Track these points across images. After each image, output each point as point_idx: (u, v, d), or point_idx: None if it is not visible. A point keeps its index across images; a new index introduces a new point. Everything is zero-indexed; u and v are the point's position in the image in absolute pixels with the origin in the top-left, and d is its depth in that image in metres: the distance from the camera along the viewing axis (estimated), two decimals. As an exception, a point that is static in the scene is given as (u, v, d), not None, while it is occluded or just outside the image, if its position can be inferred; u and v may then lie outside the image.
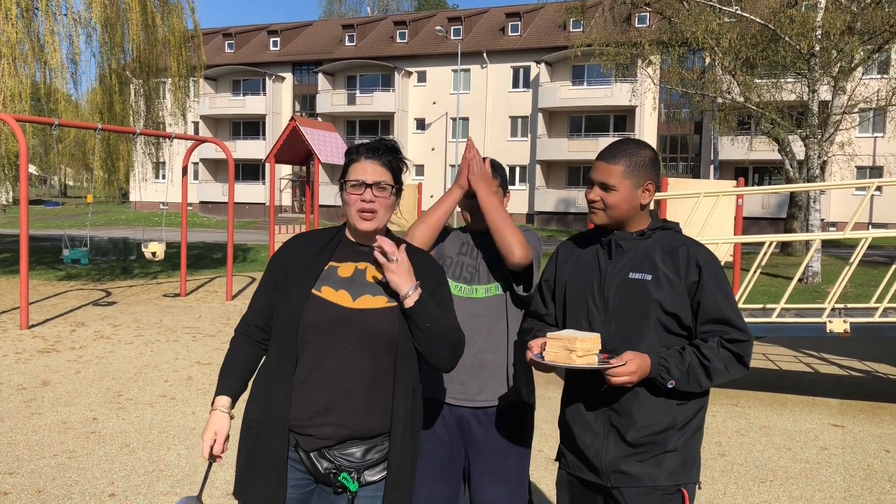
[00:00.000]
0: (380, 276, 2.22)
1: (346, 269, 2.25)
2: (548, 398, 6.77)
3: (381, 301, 2.20)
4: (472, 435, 2.76)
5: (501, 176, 2.83)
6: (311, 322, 2.15)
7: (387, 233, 2.36)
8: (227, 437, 2.22)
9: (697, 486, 2.37)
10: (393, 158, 2.26)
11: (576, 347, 2.13)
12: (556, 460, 2.54)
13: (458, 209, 2.89)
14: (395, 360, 2.19)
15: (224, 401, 2.24)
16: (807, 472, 5.02)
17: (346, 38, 47.55)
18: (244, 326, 2.32)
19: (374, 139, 2.33)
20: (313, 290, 2.19)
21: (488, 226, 2.67)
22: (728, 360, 2.23)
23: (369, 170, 2.21)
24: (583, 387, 2.37)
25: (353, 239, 2.30)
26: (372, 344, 2.16)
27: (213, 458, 2.21)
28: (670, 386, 2.21)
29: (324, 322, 2.15)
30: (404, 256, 2.18)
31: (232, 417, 2.24)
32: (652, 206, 2.44)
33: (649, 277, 2.27)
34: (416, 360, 2.25)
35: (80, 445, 5.22)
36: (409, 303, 2.15)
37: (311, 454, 2.17)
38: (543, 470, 4.94)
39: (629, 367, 2.14)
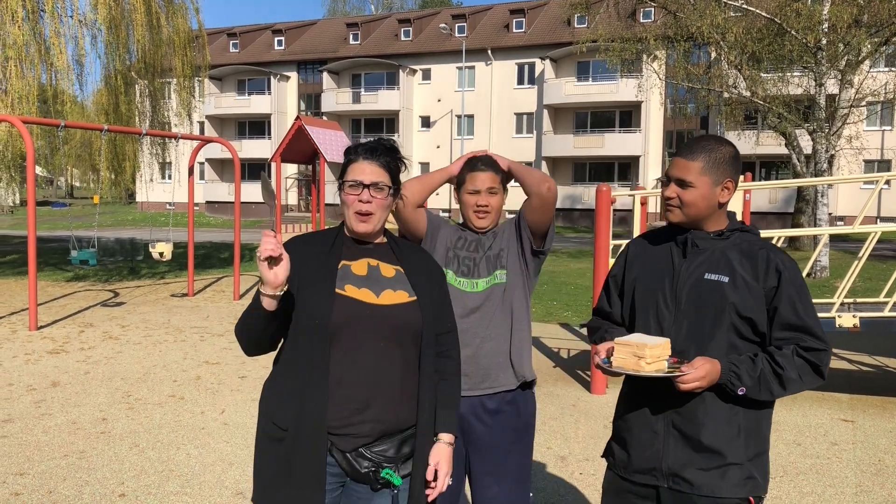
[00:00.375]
0: (393, 272, 2.26)
1: (359, 267, 2.26)
2: (556, 395, 6.76)
3: (403, 296, 2.24)
4: (472, 433, 2.76)
5: (502, 173, 2.87)
6: (342, 321, 2.14)
7: (384, 232, 2.37)
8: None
9: (762, 501, 2.28)
10: (391, 159, 2.27)
11: (645, 354, 2.07)
12: (602, 457, 2.50)
13: (459, 207, 2.91)
14: (419, 352, 2.24)
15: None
16: (817, 468, 5.00)
17: (351, 36, 47.55)
18: None
19: (374, 138, 2.34)
20: (337, 290, 2.18)
21: (516, 176, 2.84)
22: (803, 369, 2.16)
23: (367, 170, 2.22)
24: (646, 387, 2.28)
25: (350, 237, 2.32)
26: (401, 338, 2.20)
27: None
28: (740, 393, 2.14)
29: (354, 320, 2.16)
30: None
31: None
32: (730, 207, 2.40)
33: (726, 279, 2.19)
34: (436, 351, 2.30)
35: (90, 446, 5.24)
36: None
37: (348, 454, 2.15)
38: (553, 467, 4.93)
39: (699, 372, 2.08)
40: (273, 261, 1.99)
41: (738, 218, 2.38)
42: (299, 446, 2.11)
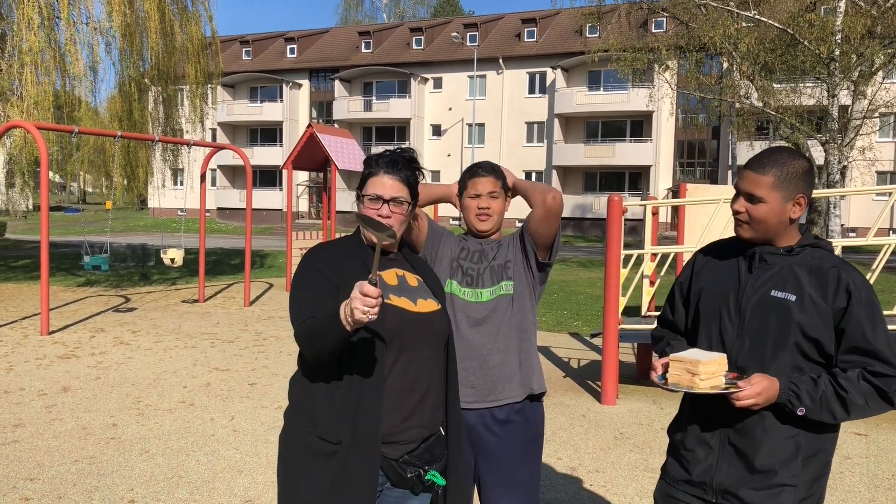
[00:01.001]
0: (416, 282, 2.32)
1: (390, 277, 2.27)
2: (566, 405, 6.73)
3: (433, 304, 2.30)
4: (482, 444, 2.75)
5: (503, 179, 2.87)
6: (394, 330, 2.15)
7: (401, 245, 2.39)
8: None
9: None
10: (411, 172, 2.29)
11: (699, 371, 2.03)
12: (662, 469, 2.45)
13: (461, 219, 2.93)
14: (447, 356, 2.33)
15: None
16: (830, 482, 4.95)
17: (363, 44, 47.76)
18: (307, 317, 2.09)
19: (394, 148, 2.34)
20: (385, 299, 2.18)
21: (521, 191, 2.84)
22: (869, 394, 2.06)
23: (388, 185, 2.23)
24: (704, 402, 2.23)
25: (372, 246, 2.31)
26: (438, 344, 2.27)
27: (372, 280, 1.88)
28: (800, 413, 2.07)
29: (403, 328, 2.17)
30: None
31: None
32: (803, 221, 2.34)
33: (793, 298, 2.11)
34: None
35: (100, 451, 5.25)
36: None
37: (393, 462, 2.15)
38: (563, 478, 4.90)
39: (755, 388, 2.03)
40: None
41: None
42: (354, 459, 2.08)
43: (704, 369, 2.02)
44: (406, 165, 2.27)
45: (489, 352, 2.72)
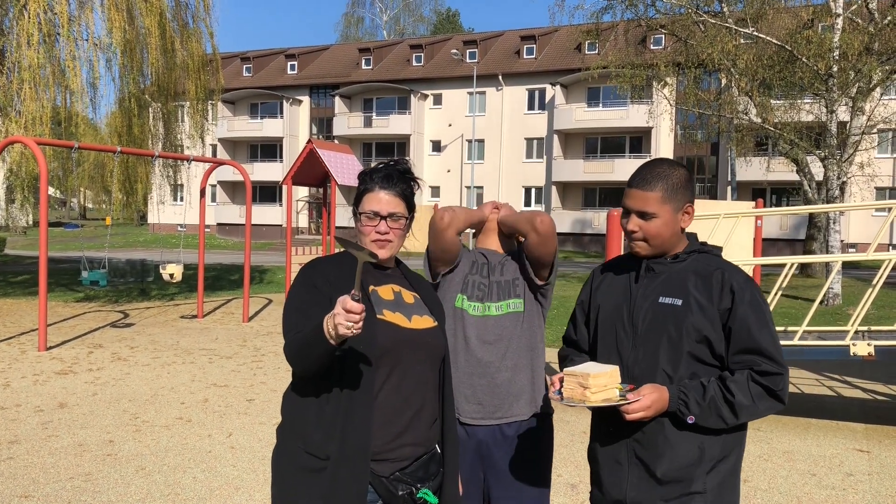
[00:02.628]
0: (413, 299, 2.28)
1: (386, 292, 2.24)
2: (566, 421, 6.68)
3: (429, 321, 2.26)
4: (491, 459, 2.74)
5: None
6: (387, 346, 2.12)
7: (396, 263, 2.36)
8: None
9: None
10: (406, 185, 2.26)
11: (589, 384, 2.03)
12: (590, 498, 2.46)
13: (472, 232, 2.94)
14: (443, 374, 2.29)
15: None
16: (833, 499, 4.91)
17: (363, 61, 47.95)
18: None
19: (388, 161, 2.31)
20: (378, 315, 2.15)
21: (509, 225, 2.82)
22: (758, 395, 2.09)
23: (384, 200, 2.20)
24: (608, 417, 2.25)
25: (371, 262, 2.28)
26: (433, 361, 2.24)
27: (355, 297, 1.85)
28: (690, 421, 2.09)
29: (396, 344, 2.14)
30: None
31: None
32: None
33: (679, 303, 2.15)
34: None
35: (95, 468, 5.20)
36: None
37: (384, 479, 2.11)
38: (564, 495, 4.86)
39: (644, 401, 2.04)
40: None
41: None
42: (342, 476, 2.04)
43: (594, 382, 2.02)
44: (401, 179, 2.25)
45: (498, 369, 2.73)
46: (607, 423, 2.27)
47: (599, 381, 2.03)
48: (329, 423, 2.08)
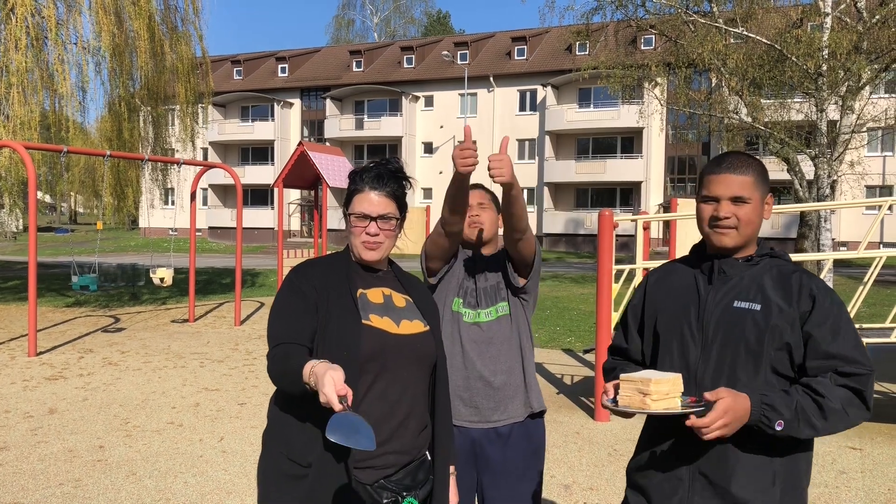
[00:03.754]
0: (404, 302, 2.24)
1: (375, 295, 2.20)
2: (559, 422, 6.67)
3: (419, 326, 2.21)
4: (485, 459, 2.77)
5: (491, 194, 2.92)
6: (371, 352, 2.07)
7: (389, 264, 2.32)
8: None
9: None
10: (398, 185, 2.20)
11: (650, 390, 1.87)
12: None
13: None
14: (434, 381, 2.24)
15: (318, 366, 1.82)
16: (826, 497, 4.91)
17: (354, 63, 47.92)
18: (285, 345, 2.04)
19: (379, 160, 2.26)
20: (363, 320, 2.11)
21: (514, 200, 2.56)
22: (846, 400, 1.91)
23: (374, 201, 2.15)
24: (668, 429, 2.06)
25: (362, 264, 2.24)
26: (422, 367, 2.18)
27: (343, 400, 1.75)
28: (778, 429, 1.87)
29: (382, 350, 2.10)
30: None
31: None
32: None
33: (758, 307, 1.99)
34: (448, 380, 2.30)
35: (86, 474, 5.16)
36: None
37: (369, 487, 2.07)
38: (557, 496, 4.84)
39: (720, 407, 1.80)
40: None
41: None
42: (324, 483, 2.01)
43: (656, 388, 1.87)
44: (392, 178, 2.20)
45: (493, 373, 2.75)
46: (665, 436, 2.08)
47: (661, 388, 1.88)
48: (311, 429, 2.04)
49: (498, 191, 2.83)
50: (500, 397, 2.75)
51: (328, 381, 1.72)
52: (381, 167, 2.21)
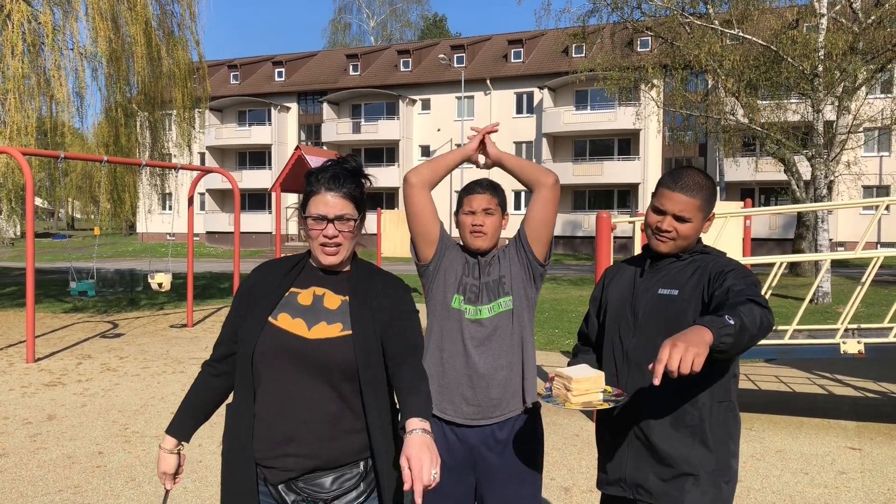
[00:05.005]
0: (338, 303, 2.17)
1: (306, 297, 2.19)
2: (559, 424, 6.67)
3: (335, 329, 2.13)
4: (484, 465, 2.71)
5: (500, 197, 2.83)
6: (265, 352, 2.10)
7: (353, 258, 2.29)
8: (176, 472, 2.29)
9: None
10: (355, 185, 2.17)
11: (571, 387, 2.11)
12: (597, 487, 2.56)
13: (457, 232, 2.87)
14: (359, 388, 2.10)
15: (168, 442, 2.27)
16: (825, 498, 4.91)
17: (351, 67, 47.93)
18: (209, 357, 2.30)
19: (336, 160, 2.23)
20: (270, 319, 2.13)
21: (513, 169, 2.79)
22: (749, 305, 1.96)
23: (330, 203, 2.11)
24: (611, 412, 2.43)
25: (315, 265, 2.25)
26: (327, 374, 2.09)
27: (167, 491, 2.31)
28: (731, 322, 1.84)
29: (279, 352, 2.10)
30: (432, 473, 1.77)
31: (177, 454, 2.28)
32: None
33: (675, 293, 2.31)
34: (384, 385, 2.14)
35: (85, 480, 5.15)
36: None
37: (279, 486, 2.11)
38: (556, 499, 4.84)
39: (665, 348, 1.77)
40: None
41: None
42: (234, 473, 2.14)
43: (577, 386, 2.09)
44: (350, 178, 2.16)
45: (495, 369, 2.70)
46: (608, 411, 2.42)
47: (581, 386, 2.10)
48: (227, 422, 2.20)
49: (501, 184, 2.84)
50: (500, 395, 2.70)
51: (159, 473, 2.26)
52: (338, 167, 2.18)
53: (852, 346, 6.26)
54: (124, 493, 4.91)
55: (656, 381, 1.77)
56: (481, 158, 2.86)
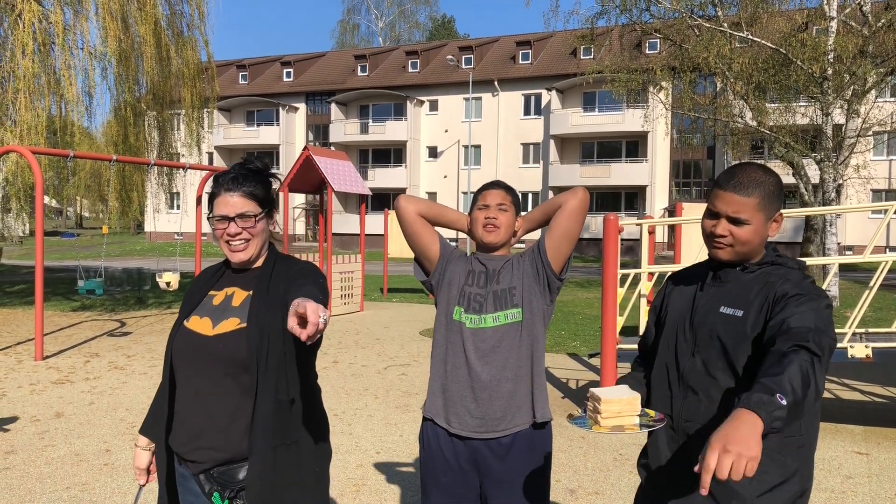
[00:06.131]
0: (242, 299, 2.26)
1: (219, 297, 2.30)
2: (564, 426, 6.67)
3: (233, 324, 2.20)
4: (488, 469, 2.68)
5: (514, 197, 2.82)
6: (178, 352, 2.25)
7: (271, 254, 2.32)
8: (149, 468, 2.46)
9: None
10: (256, 184, 2.25)
11: (600, 409, 1.94)
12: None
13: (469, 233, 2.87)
14: (255, 379, 2.14)
15: (141, 440, 2.43)
16: (832, 502, 4.89)
17: (359, 68, 48.02)
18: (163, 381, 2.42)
19: (240, 161, 2.33)
20: (184, 322, 2.27)
21: (539, 218, 2.80)
22: (802, 358, 1.75)
23: (230, 203, 2.21)
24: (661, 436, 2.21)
25: (230, 266, 2.36)
26: (229, 367, 2.16)
27: (140, 486, 2.50)
28: (783, 403, 1.61)
29: (188, 351, 2.23)
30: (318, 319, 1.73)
31: (150, 451, 2.44)
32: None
33: (740, 314, 2.06)
34: (283, 373, 2.16)
35: (93, 478, 5.17)
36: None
37: (200, 476, 2.25)
38: (562, 501, 4.84)
39: (711, 447, 1.53)
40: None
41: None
42: (158, 462, 2.36)
43: (606, 408, 1.93)
44: (250, 179, 2.25)
45: (499, 382, 2.64)
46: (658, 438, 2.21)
47: (612, 408, 1.93)
48: (150, 417, 2.41)
49: (517, 185, 2.84)
50: (506, 406, 2.64)
51: (135, 456, 2.44)
52: (238, 169, 2.27)
53: (860, 351, 6.24)
54: (132, 490, 4.93)
55: (703, 492, 1.51)
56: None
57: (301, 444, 2.22)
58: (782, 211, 2.15)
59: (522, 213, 2.84)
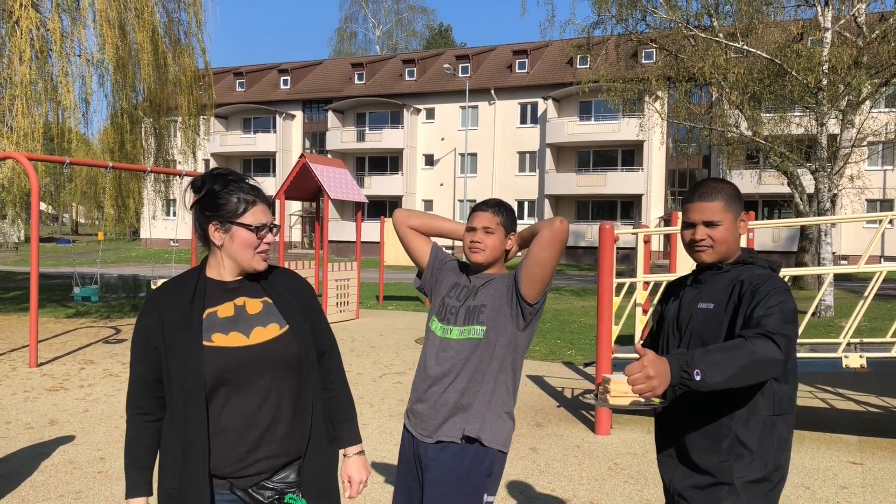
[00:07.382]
0: (259, 307, 2.24)
1: (225, 310, 2.21)
2: (559, 435, 6.67)
3: (274, 329, 2.22)
4: (422, 469, 2.78)
5: (505, 217, 2.82)
6: (215, 373, 2.12)
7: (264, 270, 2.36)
8: None
9: None
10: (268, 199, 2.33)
11: (609, 388, 2.20)
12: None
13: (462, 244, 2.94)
14: (301, 380, 2.25)
15: (138, 502, 2.17)
16: (826, 512, 4.90)
17: (356, 76, 48.10)
18: (134, 404, 2.20)
19: (228, 172, 2.30)
20: (205, 342, 2.14)
21: (526, 238, 2.85)
22: (752, 335, 2.09)
23: (268, 212, 2.26)
24: (661, 422, 2.52)
25: (217, 279, 2.26)
26: (281, 371, 2.21)
27: None
28: (697, 378, 1.99)
29: (229, 368, 2.13)
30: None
31: None
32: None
33: (711, 306, 2.36)
34: (318, 373, 2.32)
35: (86, 486, 5.16)
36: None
37: (250, 489, 2.18)
38: (556, 510, 4.83)
39: (638, 364, 1.98)
40: None
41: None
42: (192, 496, 2.10)
43: (615, 387, 2.18)
44: (263, 193, 2.31)
45: (446, 389, 2.72)
46: (660, 426, 2.52)
47: (619, 388, 2.17)
48: (171, 456, 2.13)
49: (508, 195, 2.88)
50: (447, 416, 2.69)
51: None
52: (242, 182, 2.26)
53: (854, 361, 6.25)
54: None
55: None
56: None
57: (335, 442, 2.37)
58: (745, 212, 2.46)
59: (520, 229, 2.88)
